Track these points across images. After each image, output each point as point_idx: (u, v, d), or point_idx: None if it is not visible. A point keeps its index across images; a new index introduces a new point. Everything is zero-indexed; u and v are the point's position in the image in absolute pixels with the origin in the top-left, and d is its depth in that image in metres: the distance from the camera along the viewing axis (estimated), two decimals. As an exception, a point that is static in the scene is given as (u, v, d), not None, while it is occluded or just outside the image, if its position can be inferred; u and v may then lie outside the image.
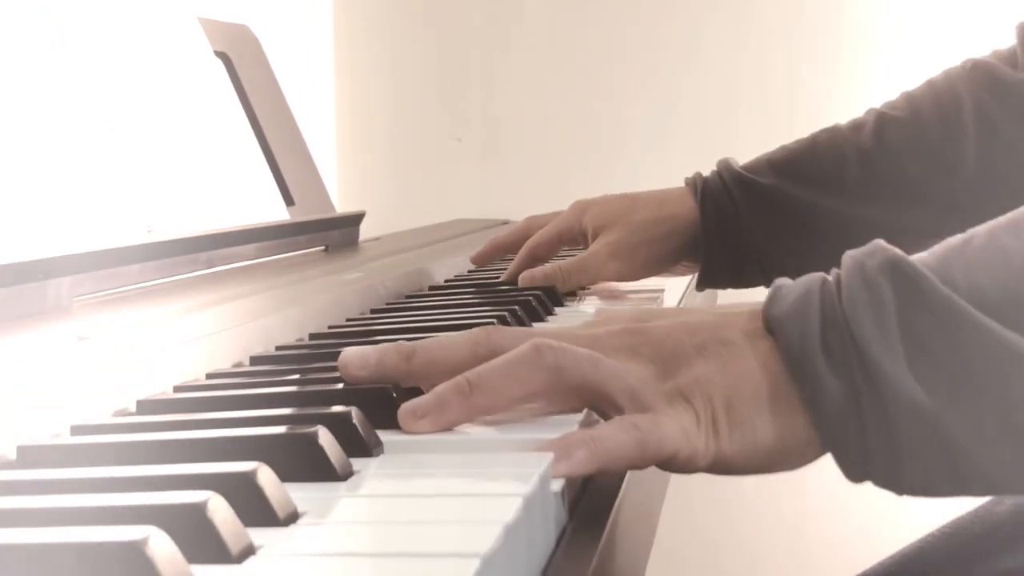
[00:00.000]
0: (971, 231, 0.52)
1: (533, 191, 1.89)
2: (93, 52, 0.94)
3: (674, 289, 1.06)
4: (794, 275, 0.53)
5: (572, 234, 1.01)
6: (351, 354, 0.56)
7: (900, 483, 0.51)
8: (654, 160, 1.84)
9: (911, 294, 0.49)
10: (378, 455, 0.49)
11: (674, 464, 0.50)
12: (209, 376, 0.65)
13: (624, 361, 0.52)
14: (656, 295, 0.98)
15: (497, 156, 1.92)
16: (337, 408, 0.50)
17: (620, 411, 0.51)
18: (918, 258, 0.50)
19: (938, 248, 0.52)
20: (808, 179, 0.98)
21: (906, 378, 0.48)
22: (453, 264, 1.13)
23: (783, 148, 1.03)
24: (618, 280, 1.02)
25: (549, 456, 0.46)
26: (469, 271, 1.14)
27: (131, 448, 0.48)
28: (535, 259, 1.00)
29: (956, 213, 0.90)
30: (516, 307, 0.81)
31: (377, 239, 1.35)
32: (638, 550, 0.55)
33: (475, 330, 0.55)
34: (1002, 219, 0.52)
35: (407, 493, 0.45)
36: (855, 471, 0.50)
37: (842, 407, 0.49)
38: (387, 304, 0.91)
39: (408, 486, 0.46)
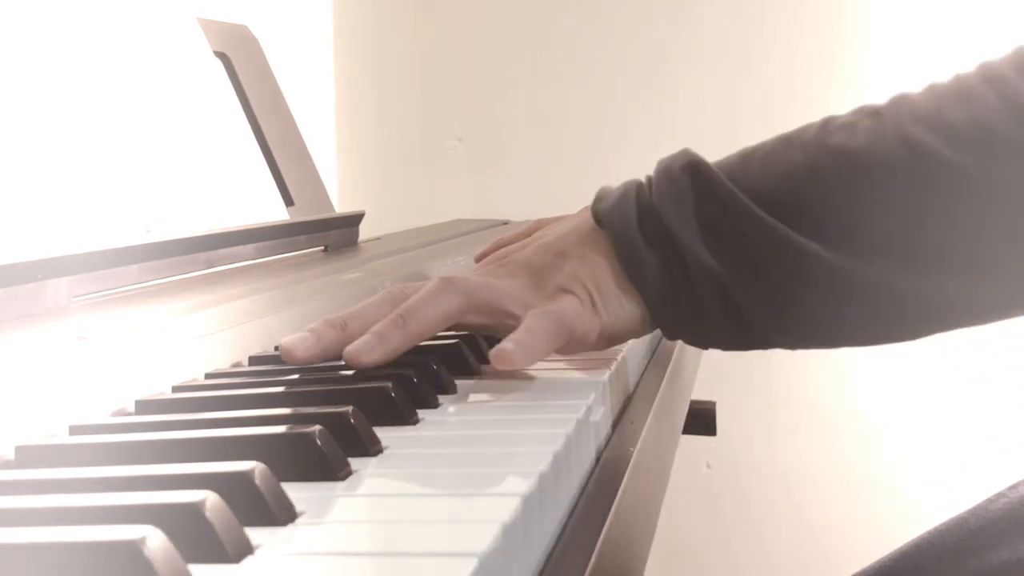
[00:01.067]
0: (763, 141, 0.65)
1: (533, 192, 1.89)
2: (93, 52, 0.94)
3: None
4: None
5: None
6: (291, 341, 0.63)
7: (702, 339, 0.65)
8: (656, 160, 1.84)
9: (704, 187, 0.63)
10: (376, 455, 0.49)
11: (575, 340, 0.63)
12: (208, 376, 0.65)
13: (506, 281, 0.64)
14: None
15: (497, 157, 1.92)
16: (335, 408, 0.50)
17: (519, 321, 0.62)
18: (718, 161, 0.64)
19: (735, 153, 0.65)
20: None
21: (700, 248, 0.62)
22: (453, 264, 1.13)
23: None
24: None
25: (548, 456, 0.47)
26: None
27: (129, 448, 0.48)
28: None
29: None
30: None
31: (377, 239, 1.35)
32: (637, 549, 0.55)
33: (385, 290, 0.66)
34: (784, 133, 0.65)
35: (405, 492, 0.45)
36: (670, 331, 0.65)
37: (658, 275, 0.63)
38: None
39: (406, 485, 0.46)
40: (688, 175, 0.64)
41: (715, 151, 1.10)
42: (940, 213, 0.59)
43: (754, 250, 0.61)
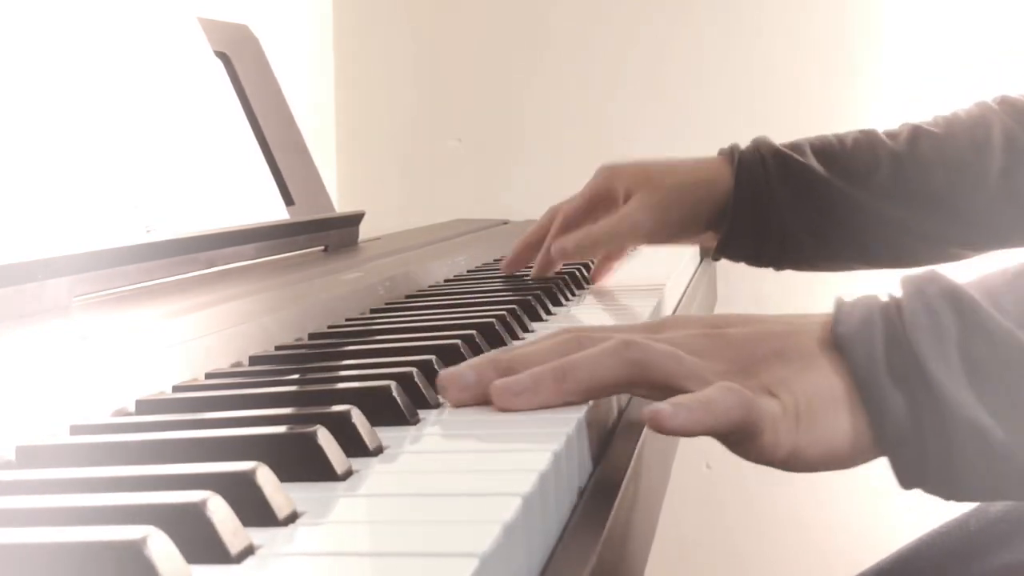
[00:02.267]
0: (1015, 264, 0.56)
1: (533, 191, 1.89)
2: (93, 52, 0.94)
3: (674, 289, 1.06)
4: (811, 257, 0.55)
5: (602, 198, 1.01)
6: (448, 377, 0.58)
7: (954, 492, 0.55)
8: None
9: (970, 321, 0.53)
10: (377, 454, 0.49)
11: (758, 445, 0.53)
12: (208, 376, 0.65)
13: (705, 361, 0.55)
14: (658, 288, 0.98)
15: (497, 156, 1.92)
16: (336, 408, 0.50)
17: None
18: (969, 285, 0.55)
19: (987, 277, 0.56)
20: (841, 168, 1.01)
21: (966, 397, 0.52)
22: (453, 264, 1.13)
23: (819, 136, 1.05)
24: (647, 243, 1.04)
25: (549, 456, 0.47)
26: (468, 271, 1.14)
27: (130, 448, 0.48)
28: (569, 231, 1.00)
29: (974, 225, 1.00)
30: (514, 306, 0.81)
31: (377, 239, 1.35)
32: (637, 549, 0.55)
33: (565, 336, 0.58)
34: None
35: (406, 492, 0.45)
36: (908, 479, 0.55)
37: (904, 421, 0.53)
38: (387, 304, 0.91)
39: (407, 485, 0.46)
40: (949, 303, 0.54)
41: (714, 150, 1.10)
42: None
43: None
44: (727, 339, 0.56)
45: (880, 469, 0.56)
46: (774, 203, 1.00)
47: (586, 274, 1.08)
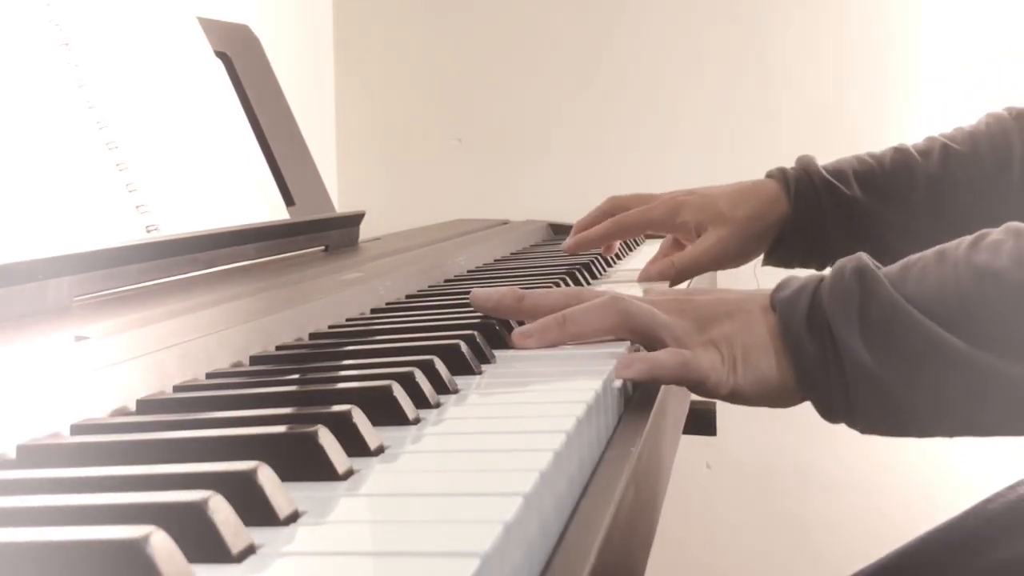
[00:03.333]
0: (924, 252, 0.72)
1: (533, 192, 1.89)
2: (94, 52, 0.94)
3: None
4: None
5: (662, 227, 1.12)
6: (479, 292, 0.77)
7: (856, 424, 0.71)
8: (656, 161, 1.84)
9: (869, 291, 0.69)
10: (377, 454, 0.49)
11: (703, 388, 0.70)
12: (209, 376, 0.65)
13: (673, 317, 0.72)
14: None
15: (497, 156, 1.92)
16: (337, 407, 0.50)
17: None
18: (887, 269, 0.71)
19: (900, 262, 0.72)
20: (883, 192, 1.11)
21: (858, 347, 0.68)
22: (453, 264, 1.13)
23: (860, 160, 1.13)
24: (719, 270, 1.17)
25: (549, 455, 0.47)
26: (468, 271, 1.15)
27: (131, 447, 0.48)
28: (617, 235, 1.16)
29: None
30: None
31: (377, 239, 1.35)
32: (637, 549, 0.55)
33: (570, 288, 0.79)
34: (942, 246, 0.71)
35: (407, 492, 0.45)
36: (825, 414, 0.72)
37: (816, 365, 0.70)
38: (387, 304, 0.91)
39: (408, 485, 0.46)
40: (857, 277, 0.70)
41: (715, 149, 1.10)
42: None
43: (909, 347, 0.68)
44: (693, 303, 0.74)
45: (881, 468, 0.56)
46: (825, 230, 1.10)
47: (593, 270, 1.10)
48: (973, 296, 0.68)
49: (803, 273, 0.76)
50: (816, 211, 1.10)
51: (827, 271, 0.73)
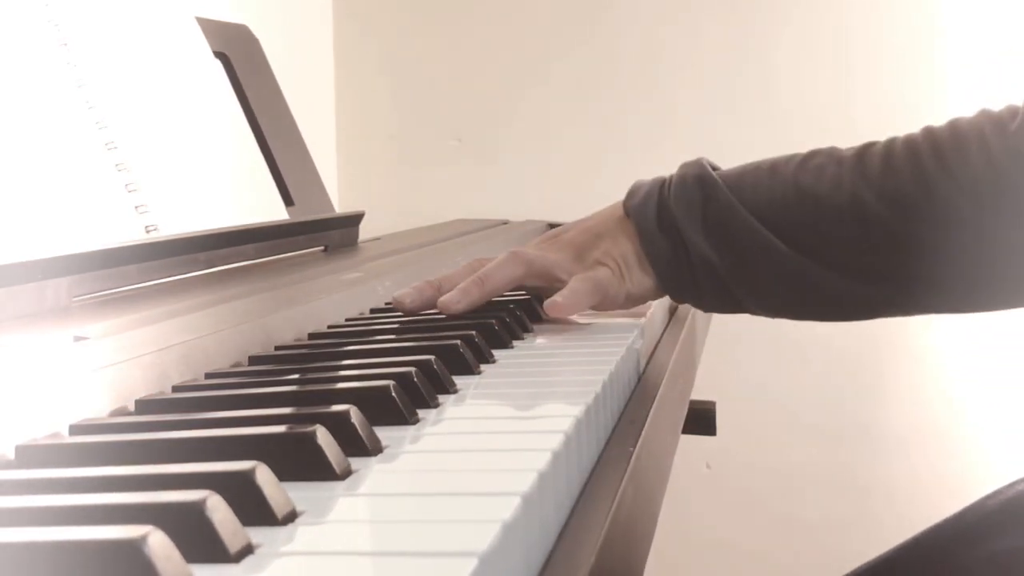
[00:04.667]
0: (760, 162, 0.85)
1: (533, 192, 1.89)
2: (93, 52, 0.94)
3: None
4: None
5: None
6: (401, 295, 0.84)
7: (700, 305, 0.87)
8: (652, 161, 1.84)
9: (710, 193, 0.83)
10: (376, 454, 0.49)
11: (608, 299, 0.83)
12: (208, 376, 0.65)
13: (557, 256, 0.85)
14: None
15: (497, 156, 1.92)
16: (335, 407, 0.50)
17: (564, 285, 0.82)
18: (726, 171, 0.85)
19: (736, 169, 0.85)
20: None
21: (700, 241, 0.83)
22: (453, 264, 1.12)
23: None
24: None
25: (548, 455, 0.47)
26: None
27: (130, 447, 0.48)
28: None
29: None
30: (514, 306, 0.81)
31: (377, 239, 1.35)
32: (637, 549, 0.55)
33: (471, 261, 0.87)
34: (778, 158, 0.85)
35: (405, 492, 0.45)
36: (676, 297, 0.87)
37: (668, 258, 0.84)
38: (386, 304, 0.91)
39: (406, 485, 0.46)
40: (699, 183, 0.84)
41: (712, 149, 1.10)
42: (868, 247, 0.81)
43: (744, 245, 0.82)
44: (564, 239, 0.87)
45: (880, 468, 0.56)
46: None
47: None
48: (796, 212, 0.82)
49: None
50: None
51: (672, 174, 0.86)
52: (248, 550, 0.36)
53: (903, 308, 0.84)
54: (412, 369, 0.58)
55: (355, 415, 0.49)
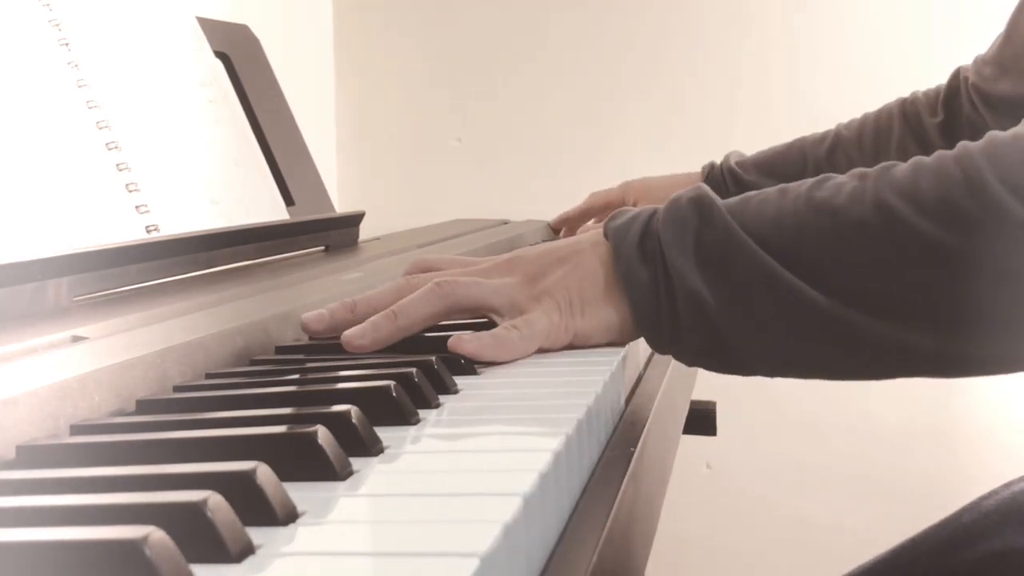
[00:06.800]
0: (767, 188, 0.70)
1: (532, 191, 1.89)
2: (94, 52, 0.94)
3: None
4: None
5: (614, 205, 1.34)
6: (309, 316, 0.73)
7: (682, 355, 0.69)
8: (654, 160, 1.84)
9: (706, 217, 0.68)
10: (377, 454, 0.48)
11: (545, 347, 0.69)
12: (208, 376, 0.64)
13: (500, 279, 0.71)
14: None
15: (497, 156, 1.92)
16: (336, 407, 0.49)
17: (503, 318, 0.70)
18: (726, 200, 0.69)
19: (741, 195, 0.70)
20: (777, 177, 1.20)
21: (690, 271, 0.66)
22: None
23: (770, 148, 1.31)
24: None
25: (549, 456, 0.46)
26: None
27: (130, 447, 0.48)
28: (588, 216, 1.46)
29: None
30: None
31: (377, 239, 1.35)
32: (637, 549, 0.55)
33: (399, 280, 0.74)
34: (786, 184, 0.69)
35: (406, 492, 0.45)
36: (656, 345, 0.69)
37: (647, 291, 0.68)
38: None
39: (407, 485, 0.46)
40: (694, 205, 0.69)
41: (711, 150, 1.10)
42: (906, 272, 0.63)
43: (742, 279, 0.66)
44: (522, 259, 0.73)
45: (879, 468, 0.56)
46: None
47: None
48: (809, 229, 0.65)
49: None
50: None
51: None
52: (249, 550, 0.36)
53: (942, 362, 0.66)
54: (413, 369, 0.58)
55: (356, 415, 0.49)
